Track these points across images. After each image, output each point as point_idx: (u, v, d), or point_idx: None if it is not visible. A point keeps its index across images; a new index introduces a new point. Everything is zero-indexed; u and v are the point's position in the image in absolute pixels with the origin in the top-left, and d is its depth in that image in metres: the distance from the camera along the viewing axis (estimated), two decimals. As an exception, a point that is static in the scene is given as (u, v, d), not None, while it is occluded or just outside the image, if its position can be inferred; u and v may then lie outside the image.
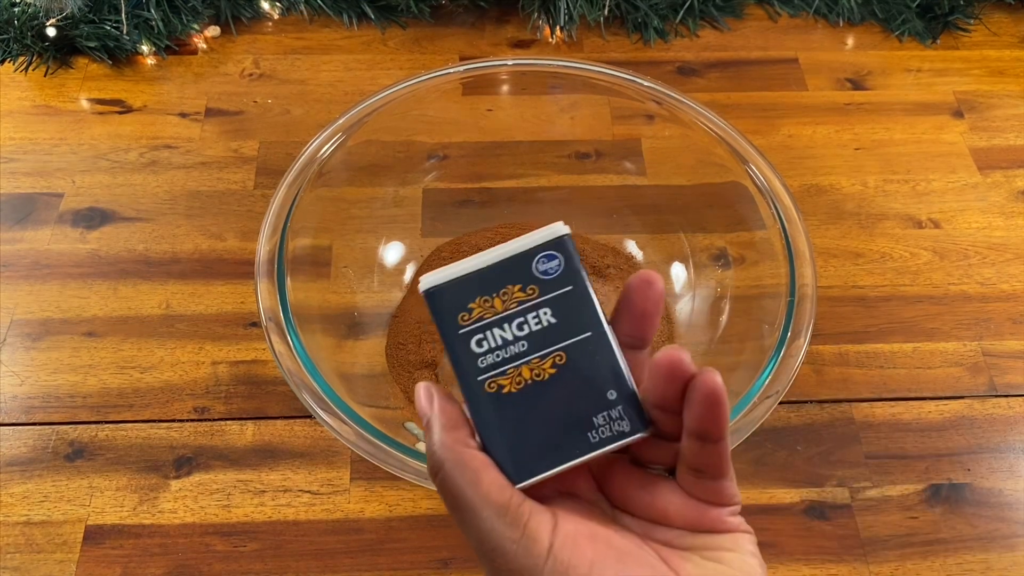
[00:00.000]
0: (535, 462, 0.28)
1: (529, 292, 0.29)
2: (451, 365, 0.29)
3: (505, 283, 0.29)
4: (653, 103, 0.58)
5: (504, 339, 0.29)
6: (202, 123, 0.71)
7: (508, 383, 0.28)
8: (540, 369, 0.28)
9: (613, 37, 0.79)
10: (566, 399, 0.28)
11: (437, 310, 0.29)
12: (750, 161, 0.54)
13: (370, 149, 0.58)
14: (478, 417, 0.29)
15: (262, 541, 0.50)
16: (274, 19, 0.79)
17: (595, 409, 0.28)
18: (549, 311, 0.29)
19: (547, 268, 0.29)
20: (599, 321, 0.29)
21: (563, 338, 0.29)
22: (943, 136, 0.72)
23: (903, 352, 0.59)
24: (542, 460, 0.28)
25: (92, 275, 0.61)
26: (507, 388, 0.28)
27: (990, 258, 0.64)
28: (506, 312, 0.29)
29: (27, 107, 0.71)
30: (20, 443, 0.53)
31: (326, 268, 0.56)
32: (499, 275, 0.29)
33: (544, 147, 0.65)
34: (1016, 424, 0.55)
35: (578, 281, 0.29)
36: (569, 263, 0.29)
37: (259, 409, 0.55)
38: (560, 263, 0.29)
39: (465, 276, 0.29)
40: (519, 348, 0.29)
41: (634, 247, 0.61)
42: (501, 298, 0.29)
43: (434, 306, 0.29)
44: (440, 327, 0.29)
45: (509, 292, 0.29)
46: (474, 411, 0.29)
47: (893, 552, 0.50)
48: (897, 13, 0.80)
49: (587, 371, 0.28)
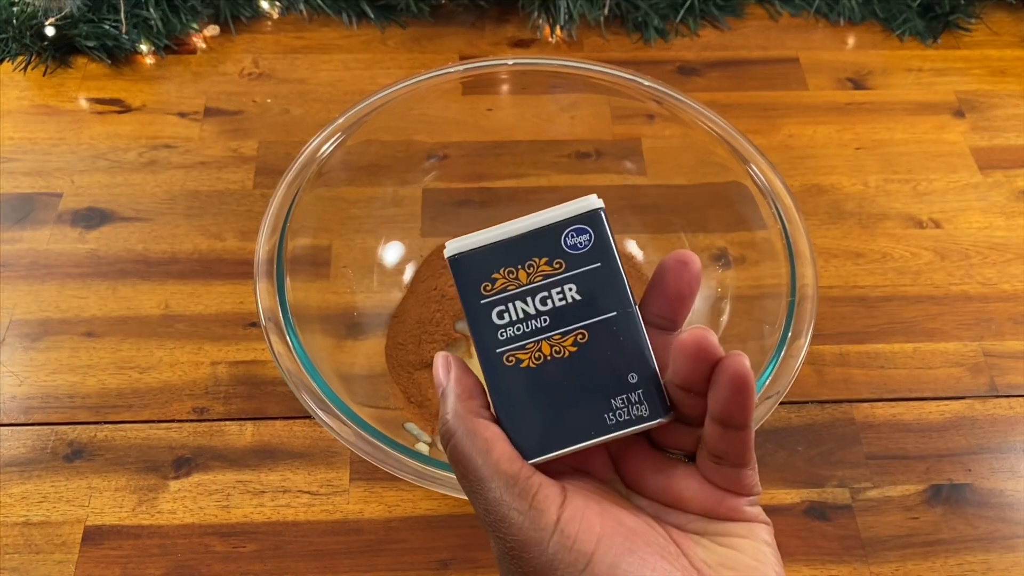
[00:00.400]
0: (548, 439, 0.27)
1: (556, 266, 0.28)
2: (470, 335, 0.29)
3: (532, 255, 0.28)
4: (653, 103, 0.58)
5: (526, 313, 0.28)
6: (201, 123, 0.70)
7: (527, 358, 0.28)
8: (560, 346, 0.28)
9: (613, 36, 0.79)
10: (585, 379, 0.28)
11: (460, 277, 0.29)
12: (751, 161, 0.54)
13: (370, 149, 0.58)
14: (494, 389, 0.28)
15: (261, 542, 0.50)
16: (273, 18, 0.79)
17: (614, 391, 0.27)
18: (575, 287, 0.28)
19: (577, 242, 0.28)
20: (628, 301, 0.28)
21: (587, 316, 0.28)
22: (944, 136, 0.72)
23: (904, 352, 0.58)
24: (555, 438, 0.27)
25: (91, 275, 0.61)
26: (525, 363, 0.28)
27: (991, 258, 0.64)
28: (530, 285, 0.28)
29: (26, 107, 0.71)
30: (19, 443, 0.53)
31: (325, 268, 0.56)
32: (526, 246, 0.28)
33: (544, 147, 0.65)
34: (1017, 424, 0.55)
35: (608, 258, 0.28)
36: (600, 239, 0.28)
37: (258, 409, 0.55)
38: (591, 238, 0.28)
39: (491, 245, 0.28)
40: (541, 323, 0.28)
41: (634, 247, 0.61)
42: (526, 270, 0.28)
43: (457, 273, 0.29)
44: (462, 295, 0.29)
45: (535, 264, 0.28)
46: (491, 383, 0.28)
47: (894, 553, 0.50)
48: (898, 12, 0.80)
49: (609, 352, 0.28)
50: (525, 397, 0.28)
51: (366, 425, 0.44)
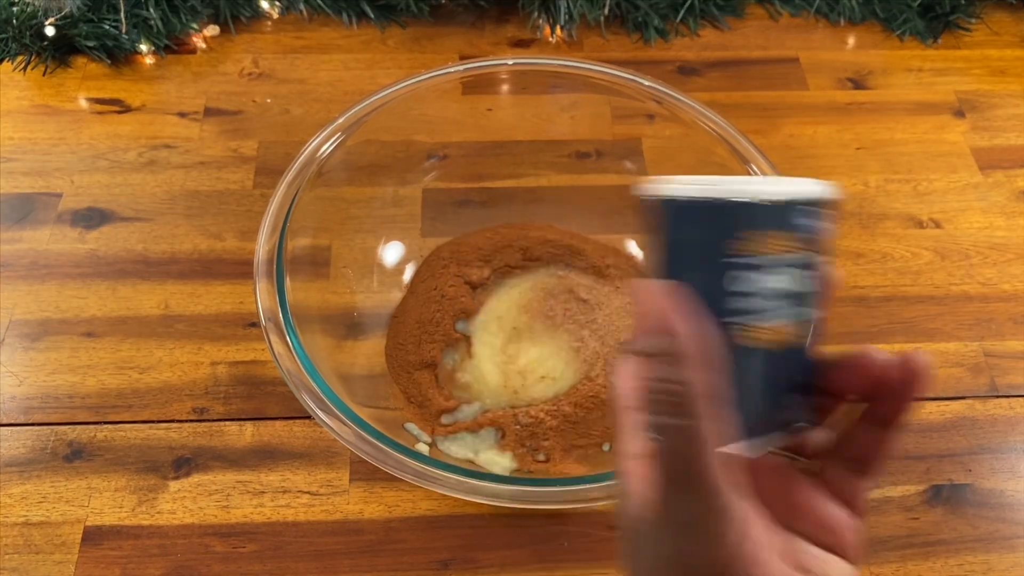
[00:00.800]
0: (763, 429, 0.25)
1: (791, 246, 0.25)
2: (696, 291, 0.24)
3: (771, 226, 0.25)
4: (653, 103, 0.58)
5: (759, 289, 0.24)
6: (201, 123, 0.70)
7: (747, 337, 0.25)
8: (776, 333, 0.25)
9: (613, 36, 0.79)
10: (786, 373, 0.26)
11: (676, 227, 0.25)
12: (751, 161, 0.54)
13: (369, 149, 0.58)
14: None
15: (261, 542, 0.49)
16: (273, 18, 0.79)
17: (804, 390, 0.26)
18: (804, 273, 0.25)
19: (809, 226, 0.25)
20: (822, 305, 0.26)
21: (805, 308, 0.25)
22: (944, 136, 0.72)
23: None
24: (768, 429, 0.26)
25: (91, 275, 0.61)
26: (742, 343, 0.24)
27: (991, 258, 0.64)
28: (769, 260, 0.24)
29: (26, 107, 0.71)
30: (19, 444, 0.53)
31: (325, 268, 0.56)
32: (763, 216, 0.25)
33: (544, 147, 0.65)
34: (1017, 424, 0.55)
35: (826, 254, 0.26)
36: (829, 231, 0.26)
37: (258, 410, 0.55)
38: (820, 226, 0.26)
39: (721, 203, 0.24)
40: (767, 304, 0.25)
41: (634, 247, 0.61)
42: (765, 242, 0.24)
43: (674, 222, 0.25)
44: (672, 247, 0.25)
45: (774, 239, 0.25)
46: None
47: (894, 553, 0.50)
48: (898, 12, 0.80)
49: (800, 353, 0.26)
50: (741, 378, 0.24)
51: (366, 425, 0.44)
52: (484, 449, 0.50)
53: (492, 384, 0.52)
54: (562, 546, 0.50)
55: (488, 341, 0.53)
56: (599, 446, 0.51)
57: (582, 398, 0.51)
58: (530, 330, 0.53)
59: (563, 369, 0.52)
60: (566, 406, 0.50)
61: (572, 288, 0.55)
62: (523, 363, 0.52)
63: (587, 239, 0.60)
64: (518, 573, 0.49)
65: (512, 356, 0.53)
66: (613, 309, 0.54)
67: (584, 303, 0.54)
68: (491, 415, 0.51)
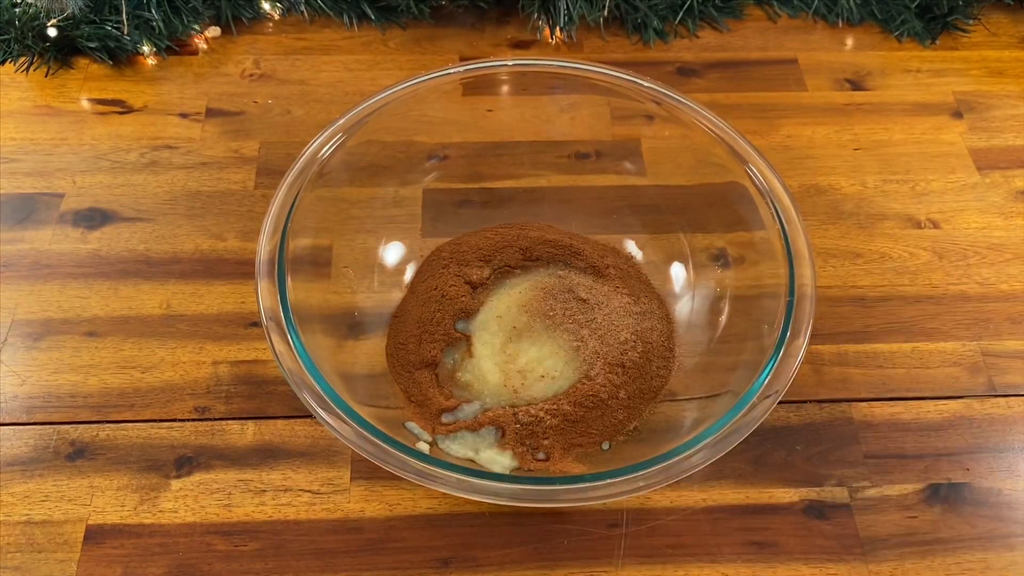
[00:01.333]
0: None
1: None
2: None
3: None
4: (653, 103, 0.58)
5: None
6: (202, 123, 0.71)
7: None
8: None
9: (613, 38, 0.79)
10: None
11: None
12: (749, 161, 0.54)
13: (370, 149, 0.58)
14: None
15: (263, 540, 0.50)
16: (274, 19, 0.79)
17: None
18: None
19: None
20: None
21: None
22: (942, 136, 0.72)
23: (902, 352, 0.59)
24: None
25: (93, 275, 0.61)
26: None
27: (989, 258, 0.64)
28: None
29: (28, 107, 0.71)
30: (21, 443, 0.53)
31: (326, 268, 0.56)
32: None
33: (544, 147, 0.65)
34: (1015, 424, 0.56)
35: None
36: None
37: (260, 409, 0.55)
38: None
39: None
40: None
41: (634, 247, 0.61)
42: None
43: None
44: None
45: None
46: None
47: (892, 552, 0.50)
48: (896, 14, 0.80)
49: None
50: None
51: (367, 424, 0.44)
52: (484, 448, 0.50)
53: (492, 383, 0.52)
54: (562, 544, 0.50)
55: (488, 340, 0.54)
56: (598, 445, 0.51)
57: (582, 397, 0.51)
58: (530, 329, 0.53)
59: (563, 368, 0.52)
60: (566, 405, 0.51)
61: (572, 288, 0.55)
62: (523, 362, 0.53)
63: (586, 239, 0.60)
64: (518, 571, 0.49)
65: (512, 355, 0.53)
66: (612, 309, 0.55)
67: (584, 303, 0.54)
68: (491, 414, 0.51)
